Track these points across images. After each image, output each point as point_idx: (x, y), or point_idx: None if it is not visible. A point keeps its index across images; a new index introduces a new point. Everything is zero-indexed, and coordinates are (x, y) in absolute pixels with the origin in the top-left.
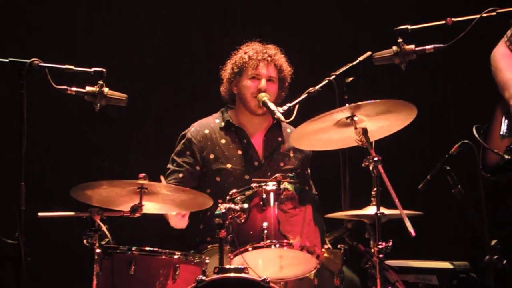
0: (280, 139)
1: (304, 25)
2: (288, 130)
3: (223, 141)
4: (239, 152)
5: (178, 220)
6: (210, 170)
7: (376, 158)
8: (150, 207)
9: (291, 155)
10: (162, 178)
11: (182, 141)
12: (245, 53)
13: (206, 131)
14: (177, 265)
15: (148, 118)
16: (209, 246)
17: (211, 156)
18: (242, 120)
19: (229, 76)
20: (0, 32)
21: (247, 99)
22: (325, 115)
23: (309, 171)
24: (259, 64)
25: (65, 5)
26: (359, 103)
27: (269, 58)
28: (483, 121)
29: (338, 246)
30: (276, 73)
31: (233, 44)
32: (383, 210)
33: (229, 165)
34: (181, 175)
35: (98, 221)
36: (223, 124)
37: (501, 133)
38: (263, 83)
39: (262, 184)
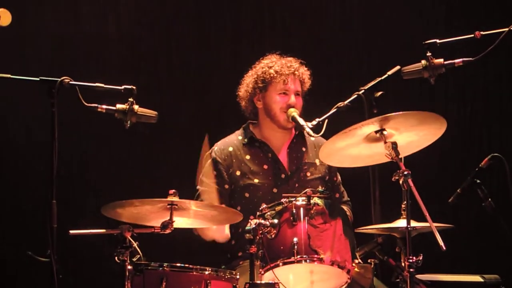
0: (304, 149)
1: (332, 38)
2: (312, 139)
3: (247, 157)
4: (265, 166)
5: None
6: (238, 187)
7: (406, 172)
8: (181, 221)
9: (318, 163)
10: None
11: (208, 162)
12: (270, 67)
13: (230, 149)
14: (208, 281)
15: (177, 134)
16: (241, 263)
17: (238, 172)
18: (266, 134)
19: (252, 91)
20: (28, 51)
21: (276, 114)
22: (355, 128)
23: (339, 177)
24: (288, 80)
25: (93, 21)
26: (388, 114)
27: (296, 73)
28: None
29: (369, 260)
30: (301, 87)
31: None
32: (413, 223)
33: (256, 180)
34: (211, 195)
35: (129, 238)
36: (246, 140)
37: None
38: (292, 98)
39: (292, 199)
